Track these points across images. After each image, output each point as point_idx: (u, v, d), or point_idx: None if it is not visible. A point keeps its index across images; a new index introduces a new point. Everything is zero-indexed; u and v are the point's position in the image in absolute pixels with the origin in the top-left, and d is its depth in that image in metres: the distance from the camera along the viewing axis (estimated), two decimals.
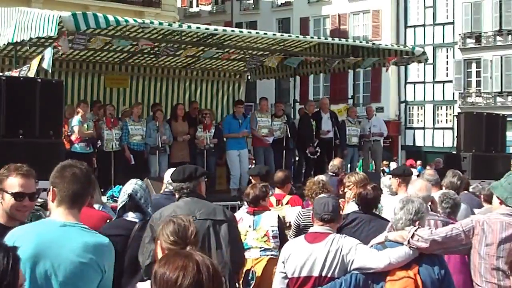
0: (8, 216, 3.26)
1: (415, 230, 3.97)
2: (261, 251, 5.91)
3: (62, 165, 3.17)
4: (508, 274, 2.81)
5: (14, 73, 9.55)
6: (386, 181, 7.04)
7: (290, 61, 13.31)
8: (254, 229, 5.93)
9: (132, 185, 4.49)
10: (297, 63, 13.51)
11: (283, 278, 4.39)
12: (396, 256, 3.98)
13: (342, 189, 7.40)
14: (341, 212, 4.67)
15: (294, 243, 4.51)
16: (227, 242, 4.37)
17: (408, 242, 3.95)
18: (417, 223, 4.11)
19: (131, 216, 4.41)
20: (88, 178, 3.15)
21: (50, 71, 9.65)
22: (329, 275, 4.18)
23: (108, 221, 4.78)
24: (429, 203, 5.24)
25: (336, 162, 9.80)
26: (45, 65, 9.00)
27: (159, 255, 3.22)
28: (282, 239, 5.97)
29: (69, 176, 3.08)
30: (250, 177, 7.91)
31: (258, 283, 5.79)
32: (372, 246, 4.18)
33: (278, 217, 6.09)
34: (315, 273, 4.22)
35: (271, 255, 5.89)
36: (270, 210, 6.27)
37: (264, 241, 5.93)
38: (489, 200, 6.60)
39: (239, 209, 7.82)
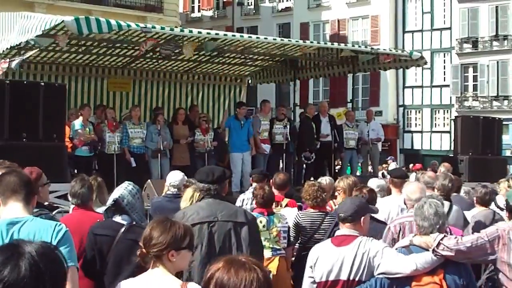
0: None
1: (441, 239, 3.92)
2: (272, 251, 6.04)
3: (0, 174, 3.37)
4: None
5: (4, 63, 9.53)
6: (374, 183, 7.08)
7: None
8: (267, 229, 6.04)
9: (121, 189, 4.48)
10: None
11: (312, 283, 4.33)
12: (423, 261, 3.96)
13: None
14: None
15: (321, 247, 4.42)
16: (248, 244, 4.40)
17: (434, 251, 3.92)
18: (442, 227, 4.11)
19: (118, 218, 4.41)
20: (24, 178, 3.33)
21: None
22: (356, 279, 4.15)
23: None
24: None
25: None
26: (12, 64, 9.04)
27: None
28: (288, 240, 6.17)
29: (6, 179, 3.28)
30: (251, 178, 8.11)
31: (273, 282, 5.90)
32: (396, 249, 4.16)
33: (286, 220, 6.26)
34: (343, 277, 4.18)
35: (281, 254, 6.08)
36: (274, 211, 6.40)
37: (276, 242, 6.08)
38: (481, 203, 6.73)
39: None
